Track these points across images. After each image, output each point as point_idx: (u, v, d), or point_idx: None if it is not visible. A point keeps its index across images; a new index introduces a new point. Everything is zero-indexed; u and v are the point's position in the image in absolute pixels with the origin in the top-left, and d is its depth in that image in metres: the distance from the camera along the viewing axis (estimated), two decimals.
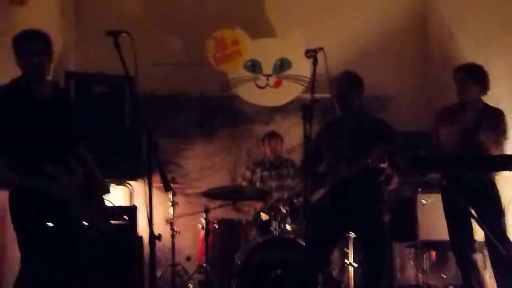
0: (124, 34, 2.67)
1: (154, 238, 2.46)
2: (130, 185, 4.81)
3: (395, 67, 5.78)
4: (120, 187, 4.83)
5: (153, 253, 2.47)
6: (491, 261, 3.67)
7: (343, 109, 3.53)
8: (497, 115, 3.73)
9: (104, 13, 5.33)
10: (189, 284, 4.66)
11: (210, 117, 5.66)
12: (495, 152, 3.61)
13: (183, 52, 5.64)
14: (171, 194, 4.76)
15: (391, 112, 5.40)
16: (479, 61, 4.46)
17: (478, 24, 5.03)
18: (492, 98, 3.87)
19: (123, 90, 4.63)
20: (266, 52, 5.59)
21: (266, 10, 5.70)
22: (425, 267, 4.59)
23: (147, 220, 2.55)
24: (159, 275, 4.74)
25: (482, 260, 3.91)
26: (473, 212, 3.52)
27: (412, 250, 4.80)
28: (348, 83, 3.54)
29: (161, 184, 2.60)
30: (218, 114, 5.66)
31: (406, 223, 4.63)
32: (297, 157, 5.37)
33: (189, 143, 5.63)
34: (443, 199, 3.86)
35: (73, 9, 5.38)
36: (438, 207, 3.94)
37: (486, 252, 3.80)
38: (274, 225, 4.34)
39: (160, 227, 4.43)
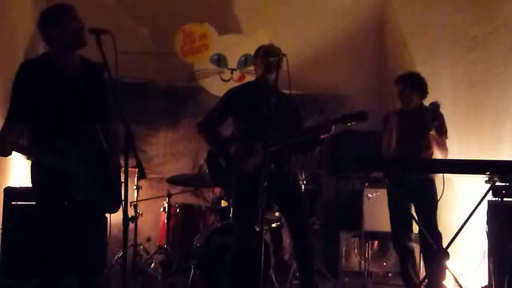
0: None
1: (127, 219, 2.70)
2: None
3: (352, 69, 6.12)
4: None
5: (126, 234, 2.70)
6: (422, 250, 4.11)
7: (266, 74, 3.68)
8: (438, 117, 4.05)
9: (76, 3, 5.44)
10: (152, 263, 4.93)
11: (175, 107, 5.86)
12: (439, 151, 4.01)
13: (152, 43, 5.82)
14: (136, 179, 4.99)
15: (345, 110, 5.75)
16: (427, 69, 4.86)
17: (429, 36, 5.42)
18: None
19: None
20: (232, 47, 5.84)
21: (235, 8, 5.95)
22: (367, 255, 4.96)
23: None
24: (120, 255, 4.96)
25: (418, 250, 4.32)
26: (412, 209, 3.96)
27: (357, 239, 5.14)
28: (278, 53, 3.62)
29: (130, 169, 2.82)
30: (183, 104, 5.87)
31: (353, 214, 5.00)
32: None
33: (153, 130, 5.84)
34: (388, 194, 4.25)
35: None
36: (382, 201, 4.30)
37: None
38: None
39: None
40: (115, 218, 3.69)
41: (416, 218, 3.78)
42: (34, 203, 3.06)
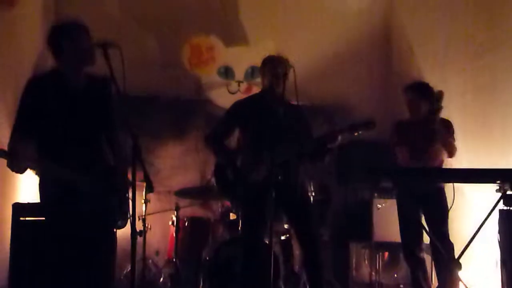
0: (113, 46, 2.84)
1: (136, 234, 2.70)
2: None
3: (359, 78, 6.10)
4: None
5: (134, 248, 2.70)
6: (434, 261, 4.06)
7: (273, 85, 3.70)
8: (447, 126, 4.07)
9: (84, 15, 5.47)
10: (161, 277, 4.91)
11: (183, 119, 5.86)
12: (448, 159, 3.99)
13: (159, 55, 5.84)
14: (144, 192, 4.97)
15: (353, 120, 5.70)
16: (435, 78, 4.83)
17: (436, 43, 5.39)
18: (445, 115, 4.21)
19: None
20: (239, 59, 5.88)
21: (241, 19, 5.96)
22: (378, 266, 4.93)
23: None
24: (128, 269, 4.95)
25: (429, 260, 4.27)
26: (422, 219, 3.92)
27: (367, 250, 5.10)
28: (285, 65, 3.67)
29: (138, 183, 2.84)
30: (191, 116, 5.87)
31: (362, 225, 4.97)
32: None
33: (161, 143, 5.83)
34: (397, 204, 4.22)
35: (54, 11, 5.48)
36: (392, 211, 4.27)
37: None
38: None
39: None
40: (123, 232, 3.67)
41: (427, 228, 3.74)
42: (42, 218, 3.05)
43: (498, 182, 3.00)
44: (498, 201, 3.04)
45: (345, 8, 6.10)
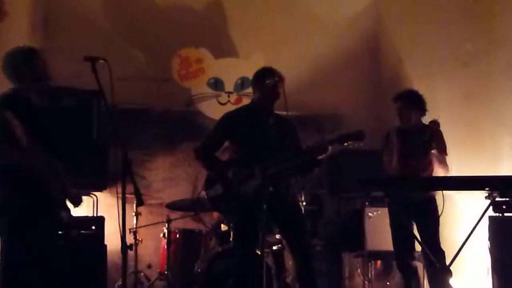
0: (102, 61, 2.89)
1: (126, 248, 2.69)
2: (95, 195, 4.98)
3: (349, 88, 6.12)
4: (84, 197, 4.99)
5: (125, 262, 2.70)
6: (426, 269, 4.07)
7: (265, 97, 3.73)
8: (438, 135, 4.10)
9: (72, 29, 5.51)
10: None
11: (174, 131, 5.86)
12: (441, 168, 4.01)
13: (148, 68, 5.84)
14: (135, 205, 4.95)
15: (344, 130, 5.72)
16: (422, 87, 4.87)
17: (425, 52, 5.43)
18: None
19: (91, 103, 4.85)
20: (229, 71, 5.88)
21: (230, 32, 5.98)
22: (371, 275, 4.92)
23: (115, 230, 2.84)
24: (120, 282, 4.91)
25: (422, 268, 4.28)
26: (414, 227, 3.93)
27: (360, 259, 5.07)
28: (282, 79, 3.72)
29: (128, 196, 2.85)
30: (181, 128, 5.87)
31: (355, 234, 4.97)
32: None
33: (152, 155, 5.82)
34: (389, 213, 4.23)
35: (43, 25, 5.48)
36: (384, 220, 4.29)
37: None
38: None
39: None
40: (115, 245, 3.66)
41: (418, 236, 3.75)
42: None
43: (487, 189, 3.02)
44: (487, 208, 3.06)
45: (334, 18, 6.13)
